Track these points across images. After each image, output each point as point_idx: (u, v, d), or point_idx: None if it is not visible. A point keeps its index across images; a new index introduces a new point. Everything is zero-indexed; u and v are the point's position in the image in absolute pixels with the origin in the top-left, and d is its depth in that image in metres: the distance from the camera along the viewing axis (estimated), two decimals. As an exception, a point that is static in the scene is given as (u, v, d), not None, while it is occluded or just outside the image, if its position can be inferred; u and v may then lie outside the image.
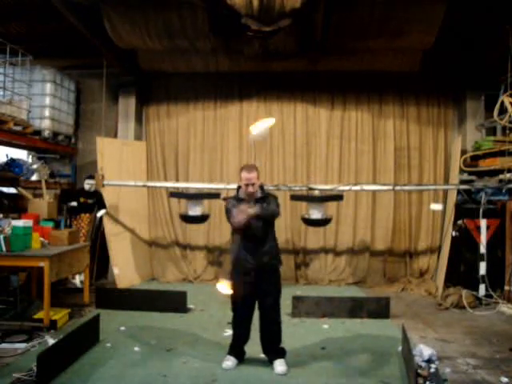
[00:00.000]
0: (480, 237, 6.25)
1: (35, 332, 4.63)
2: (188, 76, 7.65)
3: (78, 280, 6.40)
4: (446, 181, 7.32)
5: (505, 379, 3.68)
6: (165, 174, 7.74)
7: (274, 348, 4.00)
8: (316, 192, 6.22)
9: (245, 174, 3.88)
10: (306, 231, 7.45)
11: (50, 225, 5.79)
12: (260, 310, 3.98)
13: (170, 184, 6.96)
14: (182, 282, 7.32)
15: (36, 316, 4.93)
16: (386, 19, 5.72)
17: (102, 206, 6.75)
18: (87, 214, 6.97)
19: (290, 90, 7.60)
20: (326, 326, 5.10)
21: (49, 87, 7.04)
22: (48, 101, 7.03)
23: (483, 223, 6.24)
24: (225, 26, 5.83)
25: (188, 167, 7.69)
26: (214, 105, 7.74)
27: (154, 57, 7.06)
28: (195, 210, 6.13)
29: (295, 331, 4.89)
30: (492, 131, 7.24)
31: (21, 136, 6.43)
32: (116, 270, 6.71)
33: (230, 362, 3.94)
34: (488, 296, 6.04)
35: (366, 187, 6.66)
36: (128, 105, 7.76)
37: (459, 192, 6.54)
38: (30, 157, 7.74)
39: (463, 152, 7.05)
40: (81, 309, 5.57)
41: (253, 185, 3.87)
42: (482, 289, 6.09)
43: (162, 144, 7.81)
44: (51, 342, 4.18)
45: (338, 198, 6.36)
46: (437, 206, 6.92)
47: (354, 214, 7.46)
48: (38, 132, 6.87)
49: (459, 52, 6.90)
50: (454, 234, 6.51)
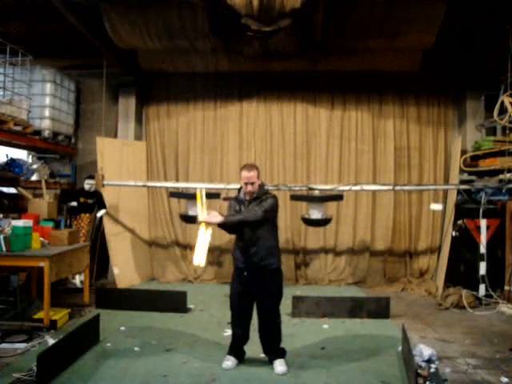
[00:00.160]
0: (480, 237, 6.25)
1: (35, 332, 4.63)
2: (188, 76, 7.65)
3: (77, 280, 6.40)
4: (446, 181, 7.32)
5: (505, 379, 3.69)
6: (165, 174, 7.75)
7: (273, 348, 4.00)
8: (316, 192, 6.22)
9: (244, 173, 3.89)
10: (306, 231, 7.45)
11: (50, 225, 5.80)
12: (258, 310, 3.97)
13: (170, 184, 6.96)
14: (181, 282, 7.32)
15: (36, 316, 4.93)
16: (386, 19, 5.73)
17: (102, 205, 6.75)
18: (87, 214, 6.98)
19: (289, 90, 7.60)
20: (326, 326, 5.11)
21: (49, 87, 7.04)
22: (48, 101, 7.03)
23: (483, 223, 6.24)
24: (225, 26, 5.83)
25: (188, 167, 7.70)
26: (213, 105, 7.74)
27: (154, 57, 7.06)
28: (195, 210, 6.12)
29: (295, 331, 4.89)
30: (492, 131, 7.24)
31: (21, 136, 6.43)
32: (116, 270, 6.71)
33: (229, 362, 3.94)
34: (488, 296, 6.04)
35: (366, 187, 6.66)
36: (128, 105, 7.76)
37: (459, 192, 6.54)
38: (30, 157, 7.74)
39: (463, 152, 7.05)
40: (81, 309, 5.57)
41: (252, 184, 3.87)
42: (482, 289, 6.09)
43: (162, 144, 7.82)
44: (51, 341, 4.18)
45: (337, 197, 6.37)
46: (437, 206, 6.92)
47: (354, 214, 7.46)
48: (38, 132, 6.87)
49: (459, 52, 6.90)
50: (454, 234, 6.51)
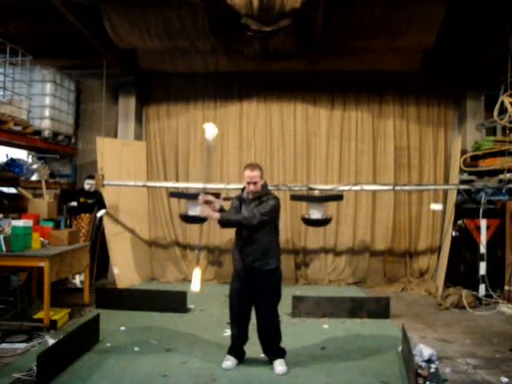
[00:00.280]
0: (480, 237, 6.25)
1: (35, 332, 4.63)
2: (188, 76, 7.65)
3: (78, 280, 6.40)
4: (446, 181, 7.32)
5: (505, 379, 3.69)
6: (165, 174, 7.75)
7: (273, 348, 4.00)
8: (316, 192, 6.22)
9: (247, 173, 3.88)
10: (306, 231, 7.45)
11: (50, 225, 5.79)
12: (256, 310, 3.97)
13: (170, 184, 6.96)
14: (182, 282, 7.31)
15: (36, 316, 4.93)
16: (386, 19, 5.72)
17: (102, 206, 6.75)
18: (87, 214, 6.98)
19: (290, 90, 7.60)
20: (326, 326, 5.11)
21: (49, 87, 7.03)
22: (48, 101, 7.03)
23: (483, 223, 6.24)
24: (225, 25, 5.83)
25: (188, 167, 7.70)
26: (213, 105, 7.74)
27: (154, 57, 7.05)
28: (195, 210, 6.13)
29: (295, 331, 4.89)
30: (492, 131, 7.24)
31: (21, 136, 6.43)
32: (116, 270, 6.71)
33: (229, 362, 3.95)
34: (488, 296, 6.04)
35: (366, 187, 6.66)
36: (128, 105, 7.76)
37: (459, 192, 6.54)
38: (30, 157, 7.74)
39: (463, 152, 7.05)
40: (81, 309, 5.56)
41: (255, 183, 3.87)
42: (482, 289, 6.09)
43: (162, 144, 7.82)
44: (51, 342, 4.18)
45: (337, 197, 6.37)
46: (437, 206, 6.92)
47: (354, 214, 7.46)
48: (38, 132, 6.87)
49: (459, 52, 6.90)
50: (454, 234, 6.51)
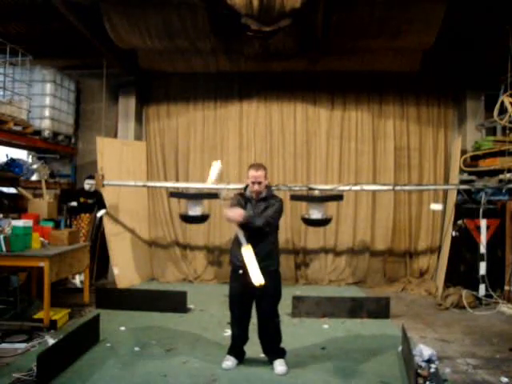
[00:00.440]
0: (480, 237, 6.25)
1: (35, 332, 4.63)
2: (188, 76, 7.65)
3: (78, 280, 6.40)
4: (446, 181, 7.32)
5: (505, 379, 3.69)
6: (165, 174, 7.75)
7: (273, 348, 4.00)
8: (316, 192, 6.22)
9: (252, 172, 3.88)
10: (306, 231, 7.45)
11: (50, 225, 5.80)
12: (257, 310, 3.97)
13: (170, 184, 6.96)
14: (182, 282, 7.32)
15: (36, 316, 4.93)
16: (386, 19, 5.72)
17: (102, 205, 6.75)
18: (87, 214, 6.98)
19: (290, 90, 7.60)
20: (326, 326, 5.11)
21: (49, 87, 7.03)
22: (48, 101, 7.02)
23: (483, 223, 6.24)
24: (225, 25, 5.83)
25: (188, 167, 7.70)
26: (213, 105, 7.74)
27: (154, 57, 7.05)
28: (195, 210, 6.13)
29: (295, 331, 4.89)
30: (492, 131, 7.24)
31: (21, 136, 6.43)
32: (116, 270, 6.71)
33: (229, 362, 3.95)
34: (488, 296, 6.04)
35: (366, 187, 6.66)
36: (128, 105, 7.76)
37: (459, 192, 6.54)
38: (30, 157, 7.74)
39: (463, 152, 7.05)
40: (81, 309, 5.57)
41: (259, 183, 3.87)
42: (482, 289, 6.09)
43: (162, 144, 7.82)
44: (51, 342, 4.18)
45: (337, 197, 6.36)
46: (437, 206, 6.92)
47: (354, 214, 7.46)
48: (38, 132, 6.86)
49: (459, 52, 6.89)
50: (454, 234, 6.51)
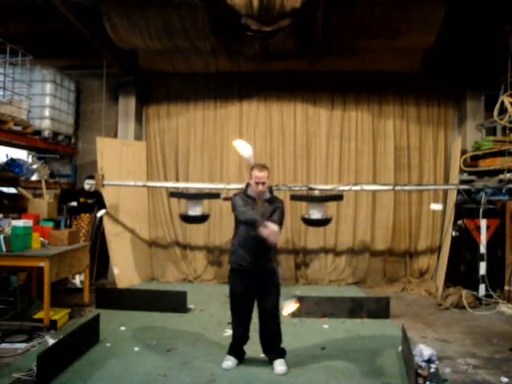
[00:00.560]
0: (480, 237, 6.25)
1: (35, 332, 4.63)
2: (188, 76, 7.65)
3: (78, 280, 6.40)
4: (446, 181, 7.32)
5: (505, 379, 3.69)
6: (165, 174, 7.75)
7: (274, 348, 4.00)
8: (316, 192, 6.22)
9: (256, 173, 3.86)
10: (306, 231, 7.45)
11: (50, 225, 5.79)
12: (259, 310, 3.97)
13: (170, 184, 6.96)
14: (181, 282, 7.32)
15: (36, 316, 4.93)
16: (386, 19, 5.72)
17: (102, 206, 6.75)
18: (87, 214, 6.98)
19: (289, 90, 7.60)
20: (326, 326, 5.11)
21: (49, 87, 7.03)
22: (48, 101, 7.03)
23: (483, 223, 6.23)
24: (225, 25, 5.83)
25: (188, 167, 7.69)
26: (213, 105, 7.74)
27: (154, 57, 7.05)
28: (195, 210, 6.13)
29: (295, 331, 4.89)
30: (492, 131, 7.24)
31: (21, 136, 6.43)
32: (116, 270, 6.71)
33: (229, 362, 3.94)
34: (488, 296, 6.04)
35: (366, 187, 6.66)
36: (128, 105, 7.76)
37: (459, 192, 6.54)
38: (30, 157, 7.74)
39: (463, 152, 7.05)
40: (81, 309, 5.57)
41: (263, 184, 3.87)
42: (482, 289, 6.09)
43: (162, 144, 7.82)
44: (51, 342, 4.18)
45: (337, 197, 6.37)
46: (437, 206, 6.92)
47: (354, 214, 7.46)
48: (38, 132, 6.86)
49: (459, 52, 6.89)
50: (454, 234, 6.51)
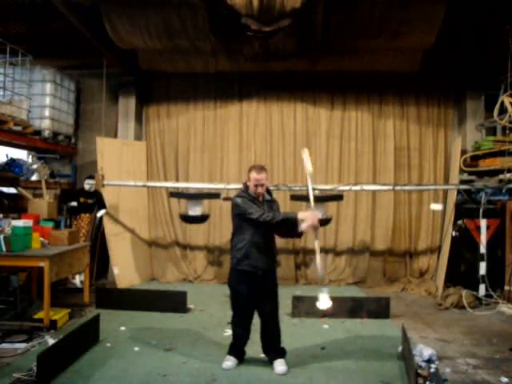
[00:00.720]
0: (480, 237, 6.25)
1: (35, 332, 4.63)
2: (188, 76, 7.65)
3: (78, 280, 6.40)
4: (446, 181, 7.32)
5: (505, 379, 3.69)
6: (165, 174, 7.75)
7: (274, 348, 4.00)
8: (316, 192, 6.21)
9: (254, 175, 3.85)
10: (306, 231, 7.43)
11: (50, 225, 5.79)
12: (261, 310, 3.96)
13: (170, 184, 6.96)
14: (181, 282, 7.32)
15: (36, 316, 4.93)
16: (386, 19, 5.72)
17: (102, 206, 6.75)
18: (87, 214, 6.98)
19: (289, 90, 7.60)
20: (326, 326, 5.11)
21: (49, 87, 7.04)
22: (48, 101, 7.03)
23: (483, 223, 6.23)
24: (225, 25, 5.83)
25: (188, 167, 7.70)
26: (213, 105, 7.74)
27: (154, 57, 7.05)
28: (195, 210, 6.13)
29: (295, 331, 4.89)
30: (492, 131, 7.25)
31: (21, 136, 6.43)
32: (116, 270, 6.71)
33: (229, 362, 3.94)
34: (488, 296, 6.04)
35: (366, 187, 6.66)
36: (128, 105, 7.76)
37: (459, 192, 6.54)
38: (30, 157, 7.75)
39: (463, 152, 7.05)
40: (81, 309, 5.57)
41: (262, 185, 3.86)
42: (482, 289, 6.09)
43: (162, 144, 7.82)
44: (51, 342, 4.18)
45: (338, 197, 6.36)
46: (437, 206, 6.92)
47: (354, 214, 7.46)
48: (38, 132, 6.87)
49: (459, 52, 6.90)
50: (454, 234, 6.51)
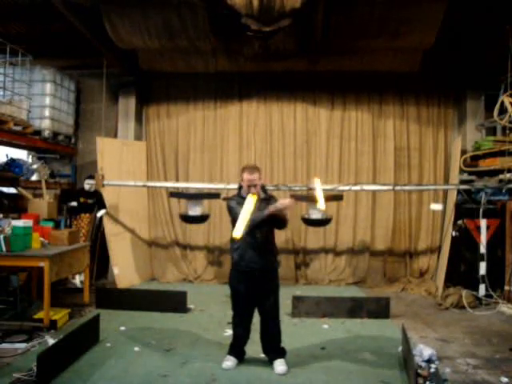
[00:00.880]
0: (480, 237, 6.25)
1: (35, 332, 4.63)
2: (188, 76, 7.64)
3: (78, 280, 6.40)
4: (446, 181, 7.32)
5: (505, 379, 3.69)
6: (165, 174, 7.75)
7: (274, 348, 4.00)
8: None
9: (247, 176, 3.86)
10: (306, 231, 7.45)
11: (50, 225, 5.80)
12: (261, 309, 3.97)
13: (170, 184, 6.97)
14: (181, 282, 7.32)
15: (36, 316, 4.93)
16: (386, 19, 5.72)
17: (102, 205, 6.75)
18: (87, 214, 6.98)
19: (289, 90, 7.60)
20: (326, 326, 5.10)
21: (49, 87, 7.04)
22: (48, 101, 7.03)
23: (483, 223, 6.23)
24: (225, 25, 5.83)
25: (188, 167, 7.70)
26: (213, 105, 7.74)
27: (154, 57, 7.05)
28: (195, 210, 6.13)
29: (295, 331, 4.89)
30: (492, 131, 7.25)
31: (21, 136, 6.43)
32: (116, 270, 6.71)
33: (229, 362, 3.94)
34: (488, 296, 6.04)
35: (366, 187, 6.66)
36: (128, 105, 7.75)
37: (459, 192, 6.54)
38: (30, 157, 7.74)
39: (463, 152, 7.05)
40: (81, 309, 5.57)
41: (255, 186, 3.87)
42: (482, 289, 6.09)
43: (162, 144, 7.82)
44: (51, 342, 4.18)
45: (338, 197, 6.36)
46: (437, 206, 6.92)
47: (354, 214, 7.46)
48: (38, 132, 6.87)
49: (459, 52, 6.90)
50: (454, 233, 6.51)
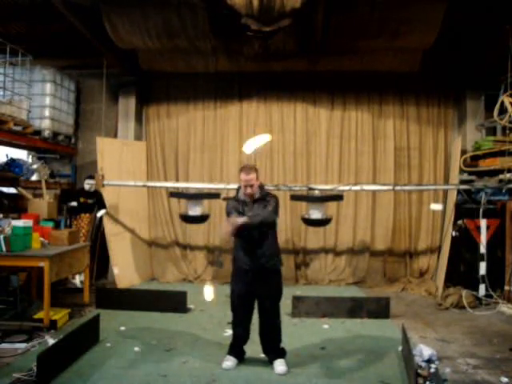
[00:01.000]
0: (480, 237, 6.25)
1: (35, 332, 4.63)
2: (188, 76, 7.64)
3: (78, 280, 6.40)
4: (446, 181, 7.32)
5: (505, 379, 3.69)
6: (165, 174, 7.75)
7: (274, 348, 4.00)
8: (316, 192, 6.22)
9: (243, 176, 3.86)
10: (306, 231, 7.45)
11: (50, 225, 5.80)
12: (259, 310, 3.98)
13: (170, 184, 6.96)
14: (181, 282, 7.32)
15: (36, 316, 4.93)
16: (386, 19, 5.72)
17: (102, 206, 6.75)
18: (87, 214, 6.98)
19: (289, 90, 7.60)
20: (326, 326, 5.11)
21: (49, 87, 7.04)
22: (48, 101, 7.03)
23: (483, 223, 6.23)
24: (225, 25, 5.83)
25: (188, 167, 7.70)
26: (214, 105, 7.74)
27: (154, 57, 7.05)
28: (195, 210, 6.13)
29: (295, 331, 4.89)
30: (492, 131, 7.25)
31: (21, 136, 6.43)
32: (116, 270, 6.71)
33: (229, 362, 3.95)
34: (488, 296, 6.04)
35: (366, 187, 6.66)
36: (128, 105, 7.75)
37: (459, 192, 6.54)
38: (30, 157, 7.74)
39: (463, 152, 7.05)
40: (81, 309, 5.57)
41: (251, 186, 3.86)
42: (482, 289, 6.09)
43: (162, 144, 7.82)
44: (51, 342, 4.19)
45: (337, 198, 6.36)
46: (437, 206, 6.92)
47: (354, 214, 7.46)
48: (38, 132, 6.87)
49: (459, 52, 6.89)
50: (454, 233, 6.51)
